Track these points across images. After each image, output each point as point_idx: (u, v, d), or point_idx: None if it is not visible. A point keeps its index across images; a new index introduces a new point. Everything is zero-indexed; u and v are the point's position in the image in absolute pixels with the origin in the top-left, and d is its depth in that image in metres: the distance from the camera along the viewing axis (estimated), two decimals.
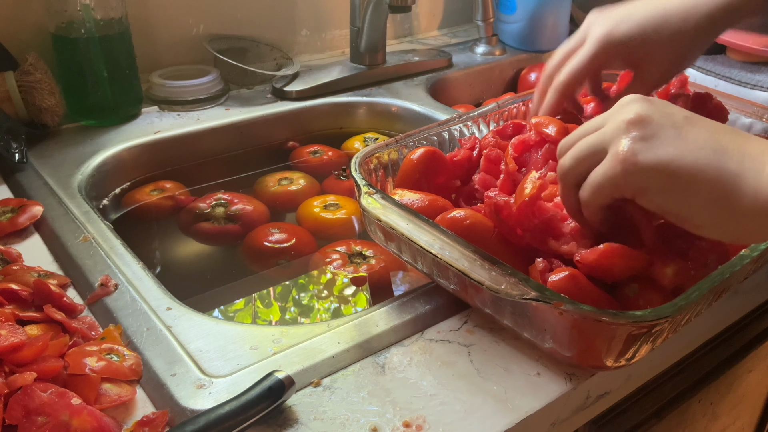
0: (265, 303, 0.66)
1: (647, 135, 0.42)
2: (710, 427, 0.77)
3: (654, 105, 0.44)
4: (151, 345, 0.49)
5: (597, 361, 0.45)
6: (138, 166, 0.81)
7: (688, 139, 0.42)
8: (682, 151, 0.41)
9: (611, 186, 0.43)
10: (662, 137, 0.42)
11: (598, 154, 0.44)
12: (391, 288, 0.67)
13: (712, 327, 0.62)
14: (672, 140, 0.42)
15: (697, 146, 0.41)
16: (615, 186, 0.43)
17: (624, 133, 0.43)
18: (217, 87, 0.92)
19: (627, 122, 0.43)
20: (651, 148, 0.42)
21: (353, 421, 0.43)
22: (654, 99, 0.45)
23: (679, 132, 0.42)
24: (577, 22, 1.28)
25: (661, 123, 0.43)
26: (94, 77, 0.81)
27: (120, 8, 0.81)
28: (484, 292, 0.48)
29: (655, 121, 0.43)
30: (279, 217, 0.78)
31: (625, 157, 0.42)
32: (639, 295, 0.46)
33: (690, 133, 0.42)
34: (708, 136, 0.42)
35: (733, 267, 0.46)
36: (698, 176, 0.41)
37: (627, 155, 0.42)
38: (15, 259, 0.57)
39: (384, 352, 0.49)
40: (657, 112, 0.43)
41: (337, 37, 1.14)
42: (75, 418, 0.40)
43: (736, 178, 0.40)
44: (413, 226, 0.49)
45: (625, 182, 0.42)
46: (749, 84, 0.95)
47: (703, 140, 0.42)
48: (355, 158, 0.57)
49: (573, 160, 0.47)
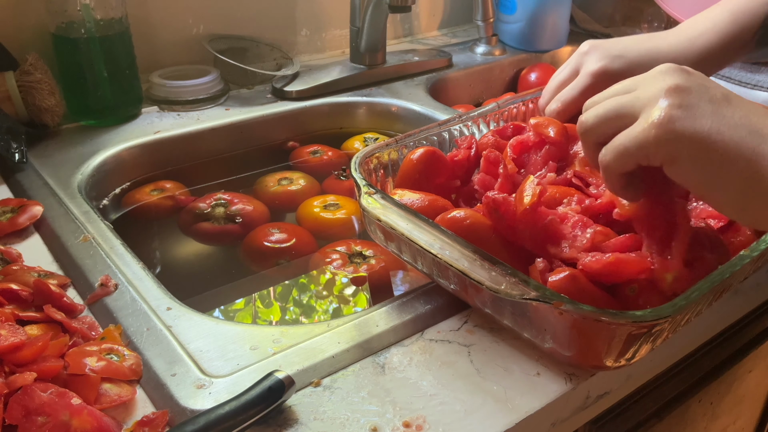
0: (265, 303, 0.66)
1: (685, 104, 0.42)
2: (710, 427, 0.77)
3: (693, 77, 0.44)
4: (151, 345, 0.49)
5: (597, 361, 0.45)
6: (138, 166, 0.81)
7: (725, 115, 0.42)
8: (720, 126, 0.41)
9: (640, 151, 0.42)
10: (700, 109, 0.42)
11: (626, 117, 0.44)
12: (391, 288, 0.67)
13: (712, 327, 0.62)
14: (710, 114, 0.41)
15: (733, 123, 0.41)
16: (644, 152, 0.42)
17: (662, 99, 0.42)
18: (217, 87, 0.92)
19: (666, 89, 0.42)
20: (689, 118, 0.41)
21: (353, 421, 0.43)
22: (691, 70, 0.45)
23: (716, 107, 0.42)
24: (577, 22, 1.29)
25: (700, 95, 0.42)
26: (94, 77, 0.81)
27: (120, 8, 0.81)
28: (484, 292, 0.48)
29: (694, 92, 0.42)
30: (279, 217, 0.79)
31: (661, 123, 0.41)
32: (639, 295, 0.46)
33: (727, 110, 0.42)
34: (744, 116, 0.42)
35: (733, 267, 0.46)
36: (732, 153, 0.40)
37: (664, 121, 0.41)
38: (15, 259, 0.57)
39: (384, 352, 0.49)
40: (696, 84, 0.43)
41: (337, 37, 1.14)
42: (75, 418, 0.40)
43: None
44: (413, 226, 0.49)
45: (656, 149, 0.42)
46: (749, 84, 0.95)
47: (740, 119, 0.41)
48: (355, 158, 0.57)
49: (597, 119, 0.46)
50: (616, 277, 0.46)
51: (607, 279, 0.46)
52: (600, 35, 1.26)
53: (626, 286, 0.47)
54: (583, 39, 0.70)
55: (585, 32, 1.28)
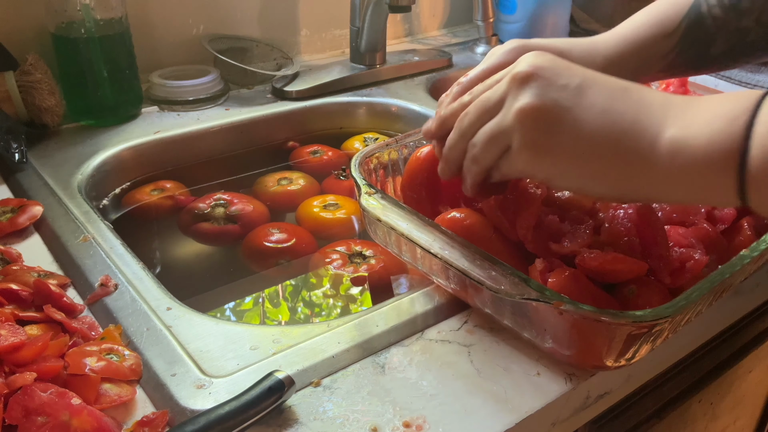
0: (265, 303, 0.66)
1: (544, 128, 0.42)
2: (710, 427, 0.77)
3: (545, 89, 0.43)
4: (151, 345, 0.49)
5: (597, 361, 0.45)
6: (138, 166, 0.81)
7: (584, 126, 0.41)
8: (581, 138, 0.41)
9: (517, 175, 0.44)
10: (559, 128, 0.42)
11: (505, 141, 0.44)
12: (391, 288, 0.67)
13: (712, 327, 0.62)
14: (569, 129, 0.41)
15: (592, 131, 0.41)
16: (519, 176, 0.44)
17: (521, 126, 0.42)
18: (217, 87, 0.92)
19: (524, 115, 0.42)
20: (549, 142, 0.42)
21: (353, 421, 0.43)
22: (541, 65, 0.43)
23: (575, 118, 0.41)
24: (577, 22, 1.29)
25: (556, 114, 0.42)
26: (94, 77, 0.81)
27: (120, 8, 0.81)
28: (484, 292, 0.48)
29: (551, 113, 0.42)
30: (279, 217, 0.78)
31: (527, 154, 0.42)
32: (638, 295, 0.46)
33: (584, 115, 0.42)
34: (602, 113, 0.41)
35: (733, 267, 0.46)
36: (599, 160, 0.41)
37: (527, 151, 0.42)
38: (15, 259, 0.57)
39: (384, 352, 0.49)
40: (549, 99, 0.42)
41: (337, 37, 1.14)
42: (75, 418, 0.40)
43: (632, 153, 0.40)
44: (413, 226, 0.49)
45: (531, 174, 0.43)
46: (749, 84, 0.95)
47: (599, 122, 0.41)
48: (355, 158, 0.57)
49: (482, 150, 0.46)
50: (613, 276, 0.46)
51: (603, 277, 0.46)
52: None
53: (625, 287, 0.47)
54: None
55: (585, 32, 1.28)
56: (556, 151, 0.42)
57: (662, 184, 0.40)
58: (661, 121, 0.40)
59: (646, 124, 0.40)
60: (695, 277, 0.47)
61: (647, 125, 0.40)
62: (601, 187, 0.42)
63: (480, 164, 0.46)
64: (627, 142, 0.40)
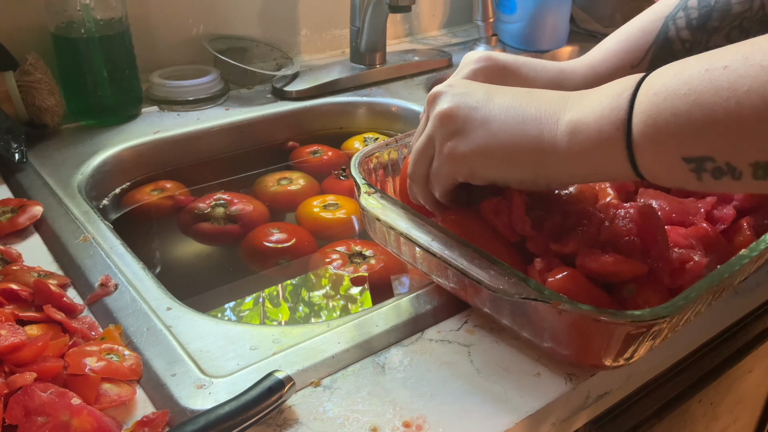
0: (265, 303, 0.66)
1: (459, 128, 0.47)
2: (710, 427, 0.77)
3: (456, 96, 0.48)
4: (151, 345, 0.49)
5: (596, 360, 0.45)
6: (138, 166, 0.81)
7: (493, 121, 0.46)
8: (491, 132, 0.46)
9: (448, 177, 0.49)
10: (471, 126, 0.47)
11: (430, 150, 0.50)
12: (391, 288, 0.67)
13: (712, 327, 0.62)
14: (480, 125, 0.46)
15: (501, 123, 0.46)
16: (450, 176, 0.49)
17: (439, 130, 0.48)
18: (217, 87, 0.92)
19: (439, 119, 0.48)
20: (465, 140, 0.47)
21: (353, 421, 0.43)
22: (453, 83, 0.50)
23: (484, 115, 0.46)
24: (577, 22, 1.29)
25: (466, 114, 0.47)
26: (94, 77, 0.81)
27: (120, 8, 0.81)
28: (483, 292, 0.48)
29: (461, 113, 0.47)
30: (279, 217, 0.79)
31: (448, 153, 0.48)
32: (637, 295, 0.46)
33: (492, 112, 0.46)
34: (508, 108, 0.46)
35: (732, 267, 0.46)
36: (510, 148, 0.45)
37: (448, 151, 0.47)
38: (15, 259, 0.57)
39: (384, 352, 0.49)
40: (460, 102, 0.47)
41: (337, 37, 1.14)
42: (75, 418, 0.40)
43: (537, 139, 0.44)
44: (413, 226, 0.49)
45: (456, 172, 0.48)
46: None
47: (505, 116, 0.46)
48: (355, 158, 0.57)
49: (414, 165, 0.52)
50: (613, 278, 0.46)
51: (603, 279, 0.46)
52: (600, 35, 1.25)
53: (624, 287, 0.47)
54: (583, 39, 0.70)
55: (585, 32, 1.28)
56: (471, 147, 0.46)
57: (567, 164, 0.44)
58: (560, 108, 0.44)
59: (548, 113, 0.44)
60: (694, 278, 0.47)
61: (549, 113, 0.44)
62: (516, 173, 0.46)
63: (418, 182, 0.52)
64: (531, 131, 0.44)
